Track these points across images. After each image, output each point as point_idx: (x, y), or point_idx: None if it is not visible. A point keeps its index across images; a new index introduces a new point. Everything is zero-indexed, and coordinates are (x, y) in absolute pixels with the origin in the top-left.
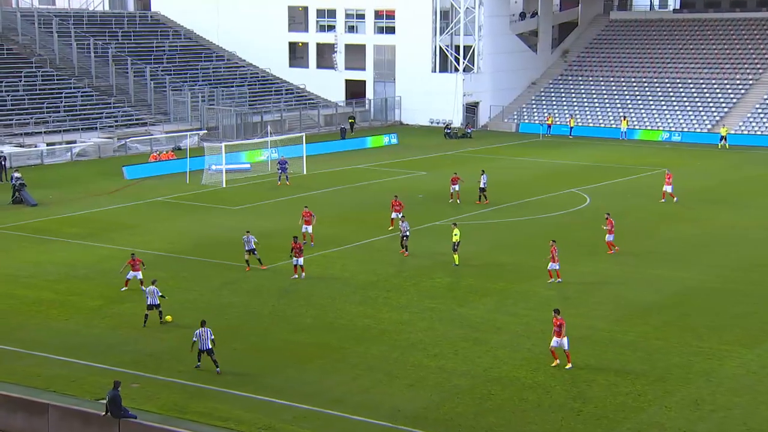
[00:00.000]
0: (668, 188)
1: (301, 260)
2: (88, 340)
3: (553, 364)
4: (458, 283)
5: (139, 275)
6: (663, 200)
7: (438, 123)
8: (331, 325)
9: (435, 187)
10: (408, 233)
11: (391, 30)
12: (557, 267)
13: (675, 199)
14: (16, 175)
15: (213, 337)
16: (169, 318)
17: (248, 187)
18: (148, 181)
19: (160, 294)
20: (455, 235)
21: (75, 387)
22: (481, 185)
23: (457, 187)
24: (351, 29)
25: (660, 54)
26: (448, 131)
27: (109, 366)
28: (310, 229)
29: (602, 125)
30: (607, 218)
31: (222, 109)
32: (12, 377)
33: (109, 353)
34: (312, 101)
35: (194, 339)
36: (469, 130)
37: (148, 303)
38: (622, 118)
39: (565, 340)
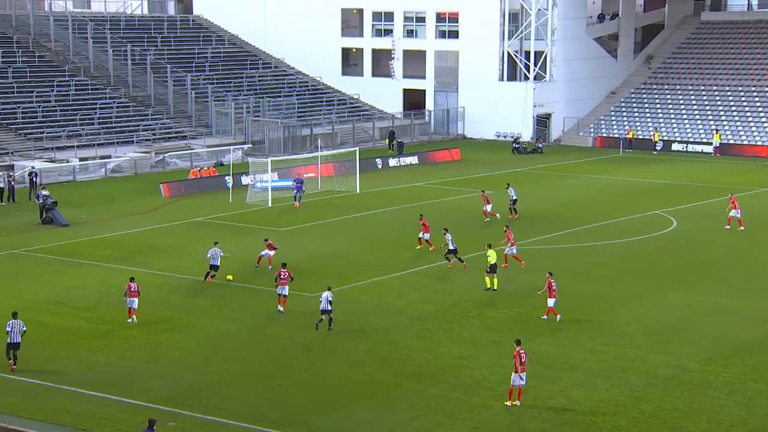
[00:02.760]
0: (735, 213)
1: (285, 290)
2: (121, 373)
3: (507, 402)
4: (528, 314)
5: (135, 304)
6: (728, 227)
7: (505, 137)
8: (385, 360)
9: (503, 206)
10: (515, 197)
11: (453, 34)
12: (553, 303)
13: (742, 227)
14: (44, 192)
15: (25, 329)
16: (230, 277)
17: (292, 206)
18: (188, 199)
19: (222, 254)
20: (489, 256)
21: (107, 425)
22: (513, 197)
23: (489, 208)
24: (410, 33)
25: (759, 59)
26: (517, 146)
27: (144, 402)
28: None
29: (691, 140)
30: (505, 231)
31: (268, 121)
32: (39, 414)
33: (144, 388)
34: (366, 113)
35: (7, 330)
36: (540, 145)
37: (211, 264)
38: (715, 132)
39: (525, 376)
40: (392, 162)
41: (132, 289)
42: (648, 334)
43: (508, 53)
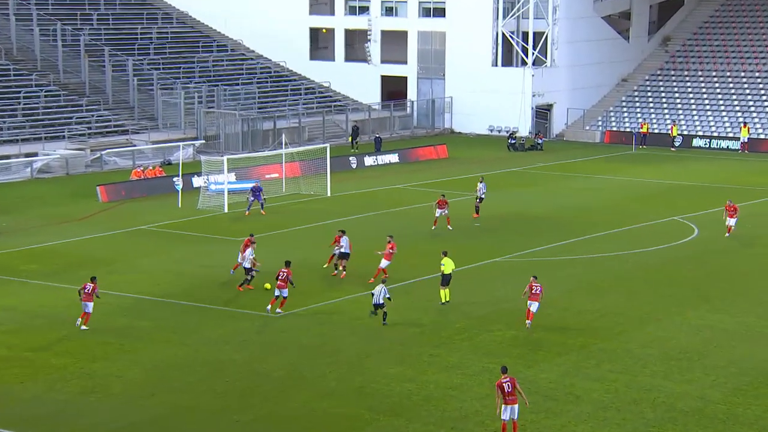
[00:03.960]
0: (731, 221)
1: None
2: (51, 408)
3: None
4: (525, 337)
5: (89, 308)
6: (728, 235)
7: (500, 131)
8: (361, 391)
9: (495, 213)
10: (483, 195)
11: (439, 12)
12: (535, 309)
13: (728, 234)
14: None
15: None
16: (267, 286)
17: (256, 211)
18: (130, 204)
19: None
20: (443, 265)
21: None
22: (480, 194)
23: (445, 211)
24: (389, 11)
25: None
26: (513, 141)
27: None
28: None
29: (715, 134)
30: (389, 242)
31: (224, 113)
32: None
33: (78, 426)
34: (338, 103)
35: None
36: (539, 141)
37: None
38: (742, 125)
39: (516, 408)
40: (369, 161)
41: (87, 291)
42: (666, 360)
43: (503, 34)
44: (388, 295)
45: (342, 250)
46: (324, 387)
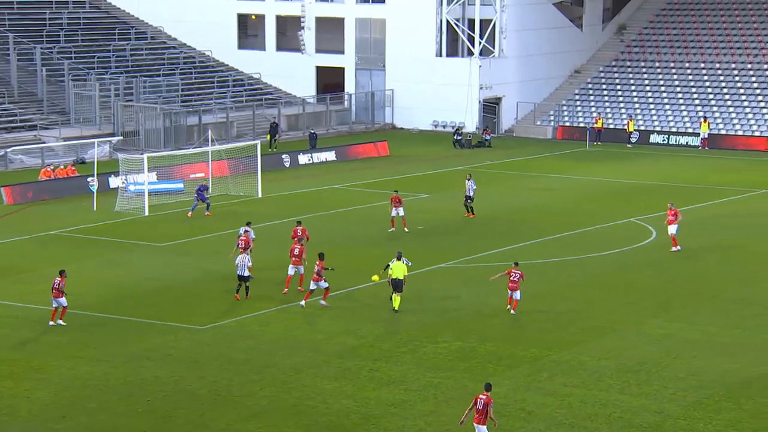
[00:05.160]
0: (672, 229)
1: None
2: None
3: None
4: (473, 348)
5: (64, 301)
6: (678, 248)
7: (444, 127)
8: (295, 409)
9: (440, 215)
10: (473, 193)
11: None
12: (518, 297)
13: (676, 247)
14: None
15: None
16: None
17: (181, 215)
18: (38, 207)
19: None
20: (391, 269)
21: None
22: (469, 193)
23: (401, 211)
24: None
25: (756, 30)
26: (459, 138)
27: None
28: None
29: (674, 129)
30: (299, 226)
31: (144, 106)
32: None
33: None
34: (270, 96)
35: None
36: (487, 137)
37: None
38: (702, 120)
39: (483, 429)
40: (303, 159)
41: (55, 286)
42: (622, 372)
43: (448, 22)
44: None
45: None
46: (254, 405)
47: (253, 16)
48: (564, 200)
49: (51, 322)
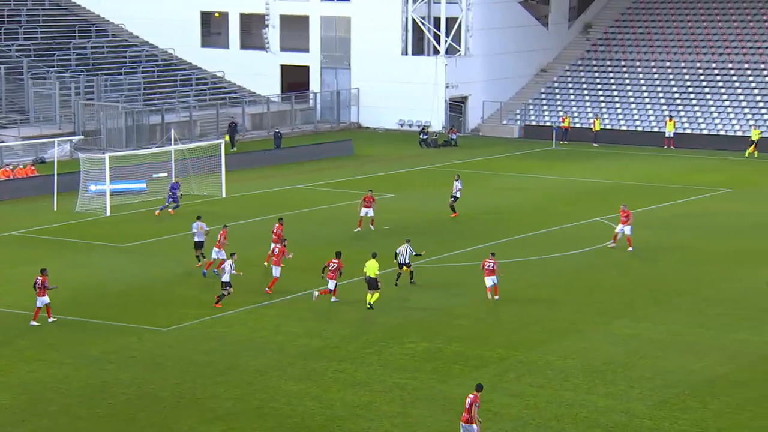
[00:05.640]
0: (624, 229)
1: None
2: None
3: None
4: (439, 349)
5: (47, 300)
6: (613, 244)
7: (411, 126)
8: (259, 411)
9: (405, 216)
10: (458, 194)
11: None
12: (492, 283)
13: (630, 248)
14: None
15: None
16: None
17: (143, 215)
18: None
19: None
20: (367, 267)
21: None
22: (456, 194)
23: (370, 212)
24: None
25: (720, 29)
26: (425, 137)
27: None
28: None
29: (640, 129)
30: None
31: (105, 105)
32: None
33: None
34: (234, 95)
35: None
36: (453, 136)
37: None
38: (668, 119)
39: (473, 428)
40: (266, 158)
41: (37, 285)
42: (588, 373)
43: (413, 20)
44: (414, 253)
45: (196, 238)
46: (218, 408)
47: (217, 14)
48: (530, 200)
49: (33, 322)
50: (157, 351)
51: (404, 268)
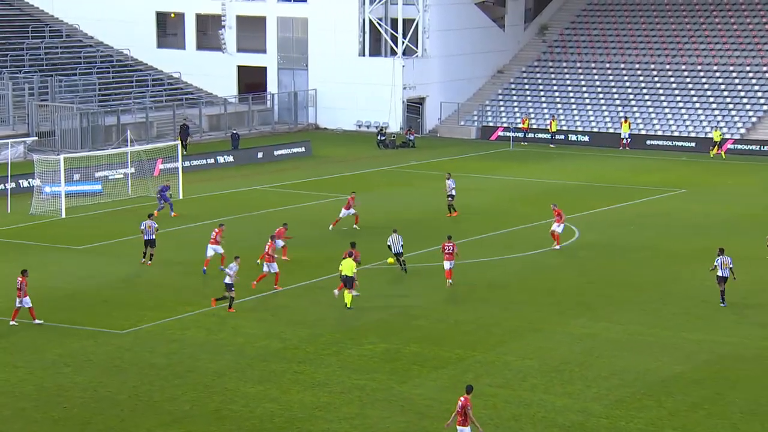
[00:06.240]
0: (557, 228)
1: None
2: None
3: None
4: (398, 350)
5: (28, 302)
6: (557, 246)
7: (368, 127)
8: (217, 413)
9: (367, 216)
10: (454, 192)
11: None
12: (451, 266)
13: (557, 245)
14: None
15: None
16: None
17: (100, 217)
18: None
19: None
20: (343, 265)
21: None
22: (451, 192)
23: (352, 211)
24: None
25: (673, 31)
26: (383, 138)
27: None
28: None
29: (595, 130)
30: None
31: (60, 106)
32: None
33: None
34: (191, 96)
35: None
36: (411, 137)
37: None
38: (623, 120)
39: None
40: (224, 159)
41: (17, 286)
42: (546, 372)
43: (371, 21)
44: (402, 242)
45: (146, 237)
46: (175, 410)
47: (173, 14)
48: (487, 201)
49: (12, 322)
50: (114, 354)
51: (391, 258)
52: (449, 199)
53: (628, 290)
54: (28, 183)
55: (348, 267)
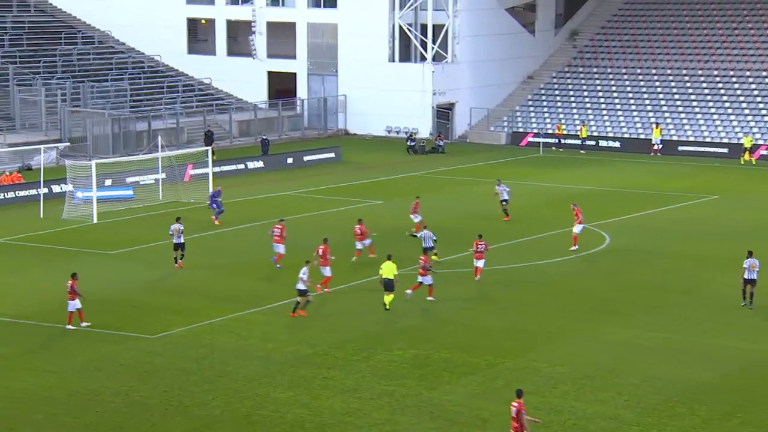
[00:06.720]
0: (576, 229)
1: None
2: None
3: None
4: (428, 356)
5: (78, 304)
6: (575, 247)
7: (398, 132)
8: (248, 419)
9: (394, 222)
10: (508, 196)
11: (331, 3)
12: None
13: (575, 246)
14: None
15: None
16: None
17: (131, 222)
18: None
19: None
20: (381, 269)
21: None
22: (504, 197)
23: (418, 218)
24: (275, 1)
25: (706, 36)
26: (412, 144)
27: None
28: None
29: (626, 135)
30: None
31: (92, 112)
32: None
33: None
34: (221, 102)
35: None
36: (440, 143)
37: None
38: (654, 126)
39: None
40: (254, 165)
41: (68, 289)
42: (577, 379)
43: (400, 27)
44: (434, 237)
45: (175, 240)
46: (206, 416)
47: (203, 21)
48: (518, 207)
49: (68, 326)
50: (145, 358)
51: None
52: (503, 203)
53: (658, 296)
54: (60, 188)
55: (389, 270)
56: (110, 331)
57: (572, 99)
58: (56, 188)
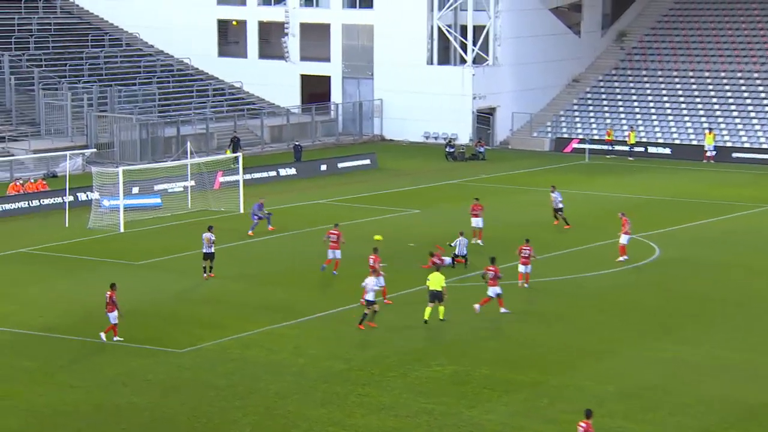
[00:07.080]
0: (623, 239)
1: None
2: None
3: None
4: (467, 372)
5: (113, 317)
6: (624, 257)
7: (436, 138)
8: None
9: (432, 231)
10: (561, 204)
11: (367, 3)
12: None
13: (622, 257)
14: None
15: None
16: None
17: (159, 231)
18: (7, 223)
19: None
20: (428, 280)
21: None
22: (558, 205)
23: (480, 222)
24: (309, 2)
25: (762, 37)
26: (451, 150)
27: None
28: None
29: (677, 141)
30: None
31: (119, 117)
32: None
33: None
34: (252, 106)
35: None
36: (481, 149)
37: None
38: (707, 132)
39: None
40: (286, 172)
41: (107, 299)
42: (625, 398)
43: (439, 28)
44: (467, 244)
45: (204, 250)
46: None
47: (234, 22)
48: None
49: (116, 338)
50: (173, 373)
51: (460, 259)
52: (559, 211)
53: (712, 311)
54: (87, 196)
55: (436, 281)
56: (137, 344)
57: (620, 103)
58: (82, 196)
